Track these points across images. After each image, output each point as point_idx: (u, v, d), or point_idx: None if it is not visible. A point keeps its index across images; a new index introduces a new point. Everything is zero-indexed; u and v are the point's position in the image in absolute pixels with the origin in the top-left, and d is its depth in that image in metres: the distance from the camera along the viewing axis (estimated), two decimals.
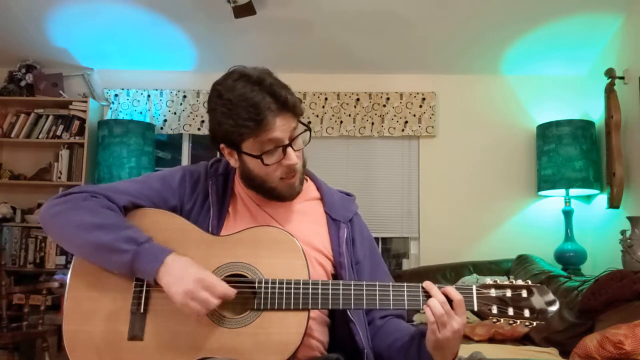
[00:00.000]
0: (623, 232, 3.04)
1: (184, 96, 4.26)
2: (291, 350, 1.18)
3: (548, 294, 1.19)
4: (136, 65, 4.29)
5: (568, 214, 3.76)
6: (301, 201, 1.41)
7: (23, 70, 4.17)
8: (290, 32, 3.84)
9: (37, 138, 4.12)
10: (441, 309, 1.15)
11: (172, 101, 4.26)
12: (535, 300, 1.19)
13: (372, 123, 4.17)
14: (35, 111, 4.15)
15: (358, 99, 4.20)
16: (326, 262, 1.35)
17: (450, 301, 1.17)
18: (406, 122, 4.16)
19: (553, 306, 1.18)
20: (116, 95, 4.27)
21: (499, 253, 3.87)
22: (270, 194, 1.34)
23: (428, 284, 1.20)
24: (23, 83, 4.16)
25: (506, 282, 1.22)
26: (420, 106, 4.17)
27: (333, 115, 4.19)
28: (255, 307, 1.21)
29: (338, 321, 1.35)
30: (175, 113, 4.26)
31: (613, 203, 3.38)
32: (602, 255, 3.65)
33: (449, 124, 4.20)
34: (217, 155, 1.46)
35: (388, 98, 4.19)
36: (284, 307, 1.20)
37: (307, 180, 1.47)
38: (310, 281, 1.22)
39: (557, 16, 3.57)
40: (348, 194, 1.51)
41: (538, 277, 3.18)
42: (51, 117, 4.14)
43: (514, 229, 4.05)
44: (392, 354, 1.32)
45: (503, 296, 1.20)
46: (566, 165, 3.66)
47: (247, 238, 1.27)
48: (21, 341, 3.32)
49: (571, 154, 3.66)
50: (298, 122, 1.30)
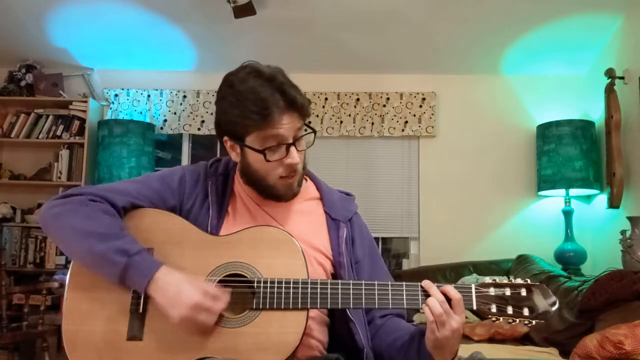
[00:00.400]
0: (623, 232, 3.04)
1: (184, 96, 4.27)
2: (290, 349, 1.18)
3: (548, 293, 1.19)
4: (136, 65, 4.29)
5: (568, 214, 3.76)
6: (301, 201, 1.42)
7: (23, 70, 4.17)
8: (290, 32, 3.84)
9: (37, 138, 4.12)
10: (440, 308, 1.15)
11: (172, 101, 4.26)
12: (534, 299, 1.18)
13: (372, 123, 4.17)
14: (35, 111, 4.15)
15: (358, 99, 4.20)
16: (326, 262, 1.35)
17: (449, 300, 1.16)
18: (406, 122, 4.16)
19: (553, 305, 1.18)
20: (116, 95, 4.27)
21: (499, 253, 3.86)
22: (267, 192, 1.34)
23: (427, 283, 1.20)
24: (23, 83, 4.16)
25: (505, 281, 1.21)
26: (420, 106, 4.17)
27: (333, 115, 4.19)
28: (254, 307, 1.21)
29: (338, 321, 1.35)
30: (175, 113, 4.26)
31: (613, 203, 3.38)
32: (602, 255, 3.64)
33: (449, 124, 4.20)
34: (217, 155, 1.46)
35: (388, 98, 4.19)
36: (283, 307, 1.20)
37: (307, 180, 1.46)
38: (309, 281, 1.22)
39: (557, 16, 3.57)
40: (348, 194, 1.51)
41: (538, 277, 3.18)
42: (51, 117, 4.14)
43: (514, 229, 4.05)
44: (392, 353, 1.32)
45: (502, 295, 1.19)
46: (566, 165, 3.66)
47: (247, 238, 1.27)
48: (21, 341, 3.32)
49: (571, 154, 3.66)
50: (304, 124, 1.30)
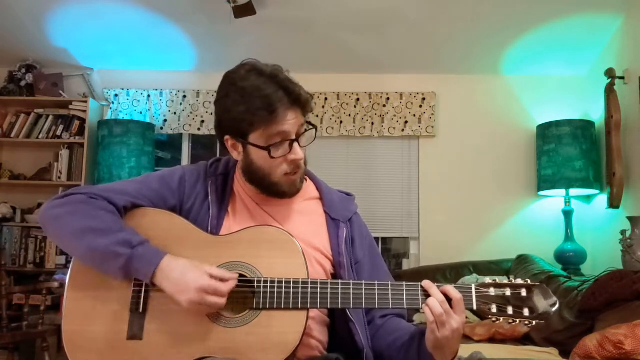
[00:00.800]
0: (623, 232, 3.04)
1: (184, 96, 4.26)
2: (290, 349, 1.18)
3: (548, 293, 1.18)
4: (136, 65, 4.29)
5: (568, 214, 3.76)
6: (301, 201, 1.41)
7: (23, 70, 4.16)
8: (290, 32, 3.84)
9: (37, 138, 4.12)
10: (440, 309, 1.15)
11: (172, 101, 4.26)
12: (535, 299, 1.18)
13: (372, 123, 4.17)
14: (35, 111, 4.15)
15: (358, 99, 4.20)
16: (325, 262, 1.35)
17: (449, 300, 1.16)
18: (406, 122, 4.16)
19: (553, 306, 1.17)
20: (116, 95, 4.27)
21: (499, 253, 3.86)
22: (270, 190, 1.34)
23: (427, 283, 1.20)
24: (23, 83, 4.16)
25: (505, 281, 1.21)
26: (420, 106, 4.17)
27: (333, 115, 4.19)
28: (254, 307, 1.21)
29: (338, 321, 1.35)
30: (175, 113, 4.26)
31: (613, 203, 3.38)
32: (602, 255, 3.64)
33: (449, 124, 4.20)
34: (217, 155, 1.46)
35: (388, 98, 4.19)
36: (283, 307, 1.20)
37: (307, 180, 1.46)
38: (309, 280, 1.22)
39: (557, 16, 3.57)
40: (348, 194, 1.51)
41: (538, 277, 3.18)
42: (51, 117, 4.14)
43: (514, 229, 4.05)
44: (393, 353, 1.32)
45: (502, 295, 1.19)
46: (566, 165, 3.66)
47: (247, 238, 1.27)
48: (21, 341, 3.31)
49: (571, 154, 3.66)
50: (305, 120, 1.30)
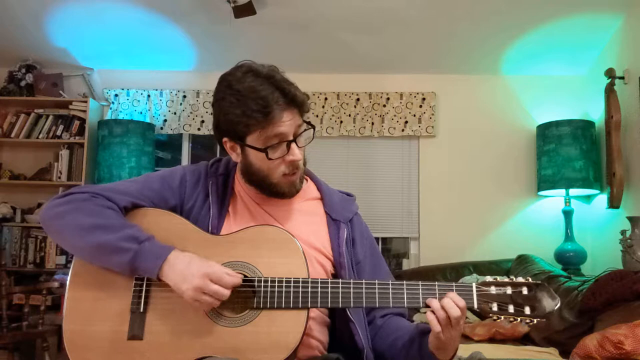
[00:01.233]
0: (623, 232, 3.04)
1: (184, 96, 4.26)
2: (291, 349, 1.18)
3: (549, 292, 1.18)
4: (136, 65, 4.29)
5: (568, 214, 3.76)
6: (301, 201, 1.41)
7: (23, 70, 4.16)
8: (290, 32, 3.84)
9: (37, 138, 4.12)
10: (444, 314, 1.15)
11: (172, 101, 4.26)
12: (536, 297, 1.18)
13: (372, 123, 4.17)
14: (35, 111, 4.15)
15: (358, 99, 4.20)
16: (326, 262, 1.35)
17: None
18: (406, 122, 4.16)
19: (554, 304, 1.17)
20: (116, 95, 4.27)
21: (499, 253, 3.87)
22: (270, 190, 1.34)
23: (428, 301, 1.19)
24: (23, 83, 4.16)
25: (506, 280, 1.21)
26: (420, 106, 4.17)
27: (333, 115, 4.19)
28: (254, 306, 1.21)
29: (338, 321, 1.35)
30: (175, 113, 4.26)
31: (613, 203, 3.38)
32: (602, 255, 3.64)
33: (449, 124, 4.20)
34: (217, 155, 1.46)
35: (388, 98, 4.19)
36: (284, 306, 1.20)
37: (307, 180, 1.46)
38: (309, 280, 1.22)
39: (557, 16, 3.57)
40: (348, 194, 1.51)
41: (538, 277, 3.18)
42: (51, 117, 4.14)
43: (514, 229, 4.05)
44: (394, 353, 1.32)
45: (503, 293, 1.19)
46: (566, 165, 3.66)
47: (247, 237, 1.27)
48: (21, 341, 3.31)
49: (571, 154, 3.66)
50: (303, 120, 1.30)
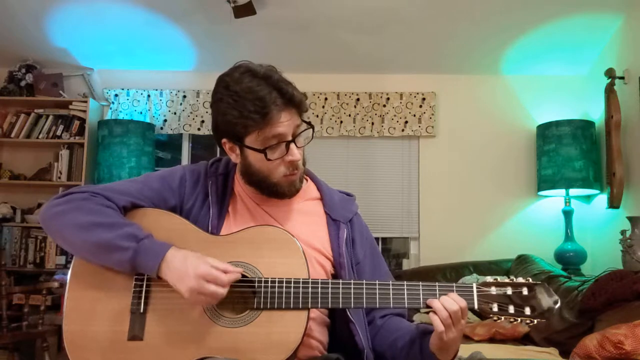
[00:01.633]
0: (623, 232, 3.04)
1: (184, 96, 4.26)
2: (291, 349, 1.18)
3: (549, 292, 1.18)
4: (136, 65, 4.29)
5: (568, 214, 3.76)
6: (301, 201, 1.41)
7: (23, 70, 4.16)
8: (290, 32, 3.84)
9: (37, 138, 4.12)
10: (446, 313, 1.16)
11: (172, 101, 4.26)
12: (536, 298, 1.18)
13: (372, 123, 4.17)
14: (35, 111, 4.14)
15: (358, 99, 4.20)
16: (326, 262, 1.35)
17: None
18: (406, 122, 4.16)
19: (555, 304, 1.17)
20: (116, 95, 4.27)
21: (499, 253, 3.86)
22: (270, 191, 1.34)
23: (429, 301, 1.20)
24: (23, 83, 4.16)
25: (507, 280, 1.21)
26: (420, 106, 4.17)
27: (333, 115, 4.19)
28: (255, 307, 1.21)
29: (338, 321, 1.35)
30: (175, 113, 4.26)
31: (613, 203, 3.38)
32: (602, 255, 3.64)
33: (449, 124, 4.20)
34: (217, 155, 1.46)
35: (388, 98, 4.19)
36: (284, 307, 1.20)
37: (307, 180, 1.46)
38: (310, 280, 1.22)
39: (557, 16, 3.57)
40: (348, 194, 1.51)
41: (538, 277, 3.18)
42: (51, 117, 4.14)
43: (514, 229, 4.05)
44: (394, 353, 1.32)
45: (504, 294, 1.19)
46: (566, 165, 3.65)
47: (247, 237, 1.27)
48: (21, 341, 3.31)
49: (571, 154, 3.66)
50: (301, 120, 1.30)
